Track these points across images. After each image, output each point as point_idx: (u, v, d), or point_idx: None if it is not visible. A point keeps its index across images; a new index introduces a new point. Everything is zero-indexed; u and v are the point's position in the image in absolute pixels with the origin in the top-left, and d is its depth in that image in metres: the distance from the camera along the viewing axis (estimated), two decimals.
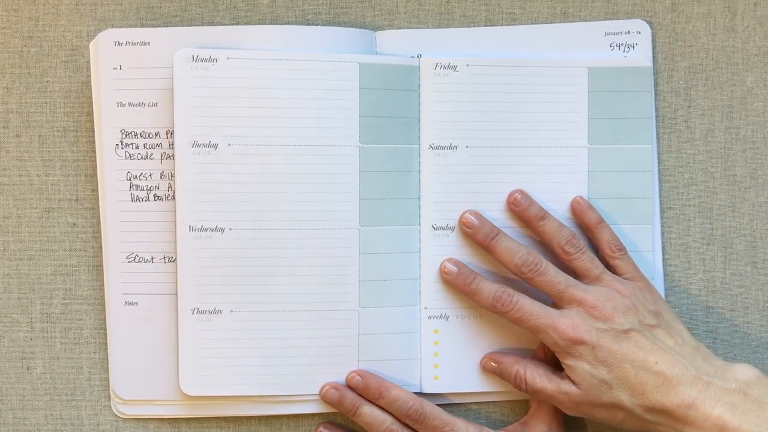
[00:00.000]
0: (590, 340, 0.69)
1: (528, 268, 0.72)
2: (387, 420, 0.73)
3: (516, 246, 0.73)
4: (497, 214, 0.75)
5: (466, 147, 0.75)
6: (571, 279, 0.72)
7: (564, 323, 0.70)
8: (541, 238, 0.74)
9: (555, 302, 0.72)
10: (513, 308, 0.71)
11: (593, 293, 0.70)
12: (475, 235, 0.74)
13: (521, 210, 0.74)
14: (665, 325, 0.70)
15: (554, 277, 0.71)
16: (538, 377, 0.72)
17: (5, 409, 0.76)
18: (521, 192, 0.75)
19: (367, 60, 0.74)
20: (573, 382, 0.70)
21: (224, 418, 0.76)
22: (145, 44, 0.73)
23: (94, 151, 0.75)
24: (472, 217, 0.74)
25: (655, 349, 0.68)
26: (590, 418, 0.72)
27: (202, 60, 0.72)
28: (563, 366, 0.70)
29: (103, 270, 0.74)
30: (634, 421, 0.69)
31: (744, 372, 0.67)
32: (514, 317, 0.71)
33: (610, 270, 0.73)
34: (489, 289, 0.72)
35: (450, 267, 0.74)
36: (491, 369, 0.75)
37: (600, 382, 0.69)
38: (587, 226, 0.75)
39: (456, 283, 0.74)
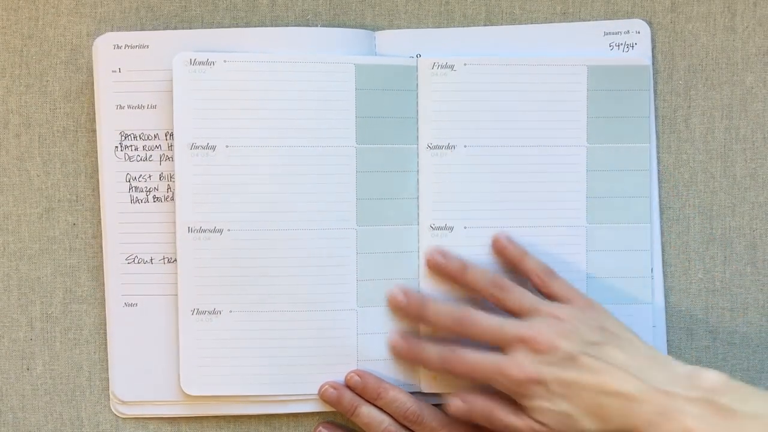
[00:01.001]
0: (539, 376, 0.66)
1: (459, 324, 0.70)
2: (385, 420, 0.73)
3: (444, 308, 0.71)
4: (495, 214, 0.75)
5: (465, 147, 0.75)
6: (505, 320, 0.69)
7: (509, 365, 0.67)
8: (469, 288, 0.73)
9: (500, 347, 0.69)
10: (458, 363, 0.70)
11: (530, 326, 0.68)
12: (409, 301, 0.73)
13: (441, 268, 0.73)
14: (614, 338, 0.68)
15: (488, 323, 0.69)
16: (511, 413, 0.68)
17: (5, 409, 0.76)
18: (438, 251, 0.74)
19: (363, 61, 0.74)
20: (538, 422, 0.67)
21: (224, 418, 0.76)
22: (143, 47, 0.73)
23: (94, 151, 0.75)
24: (399, 291, 0.73)
25: (606, 368, 0.65)
26: None
27: (200, 63, 0.73)
28: (524, 409, 0.68)
29: (103, 270, 0.75)
30: None
31: (710, 378, 0.64)
32: (461, 372, 0.70)
33: (547, 298, 0.72)
34: (434, 351, 0.71)
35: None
36: (459, 413, 0.71)
37: (563, 416, 0.66)
38: (511, 261, 0.74)
39: (404, 352, 0.73)
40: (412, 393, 0.74)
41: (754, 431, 0.61)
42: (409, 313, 0.73)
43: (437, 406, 0.74)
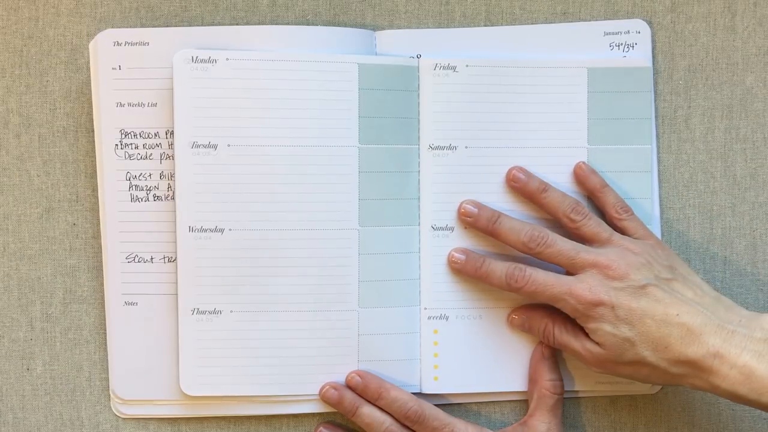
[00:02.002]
0: (608, 300, 0.68)
1: (535, 242, 0.71)
2: (386, 421, 0.73)
3: (519, 224, 0.73)
4: None
5: (466, 147, 0.75)
6: (580, 245, 0.71)
7: (580, 287, 0.69)
8: (546, 210, 0.74)
9: (568, 270, 0.71)
10: (527, 282, 0.71)
11: (605, 254, 0.70)
12: (477, 222, 0.74)
13: (521, 186, 0.74)
14: (682, 278, 0.70)
15: (563, 246, 0.71)
16: (566, 332, 0.72)
17: (5, 409, 0.76)
18: (519, 168, 0.75)
19: (366, 60, 0.74)
20: (597, 342, 0.69)
21: (224, 418, 0.76)
22: (144, 44, 0.73)
23: (94, 151, 0.75)
24: (470, 207, 0.74)
25: (674, 301, 0.68)
26: (615, 375, 0.71)
27: (201, 61, 0.72)
28: (586, 330, 0.70)
29: (102, 270, 0.74)
30: (659, 375, 0.68)
31: None
32: (528, 291, 0.71)
33: (618, 232, 0.73)
34: (500, 268, 0.72)
35: (458, 256, 0.74)
36: (519, 323, 0.75)
37: (623, 340, 0.68)
38: (591, 191, 0.75)
39: (466, 270, 0.74)
40: (414, 393, 0.74)
41: None
42: (480, 225, 0.74)
43: (438, 406, 0.74)
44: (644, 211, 0.76)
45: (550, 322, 0.73)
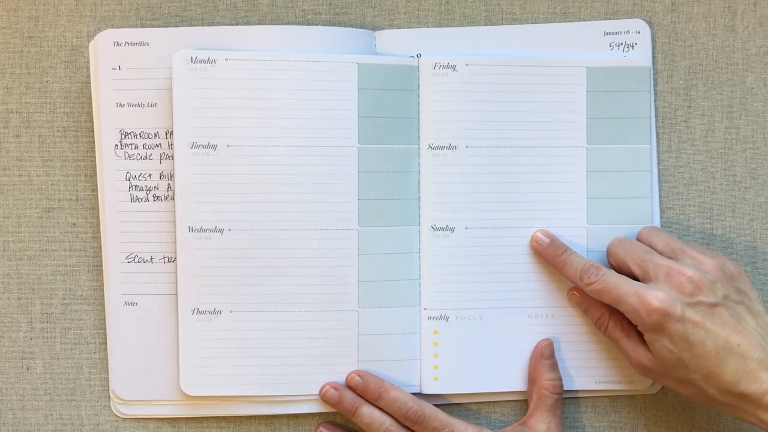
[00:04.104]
0: (675, 311, 0.67)
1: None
2: (386, 421, 0.73)
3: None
4: (495, 215, 0.75)
5: (466, 147, 0.75)
6: (655, 251, 0.71)
7: (649, 294, 0.67)
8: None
9: (642, 279, 0.70)
10: (597, 279, 0.70)
11: (678, 264, 0.68)
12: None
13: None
14: (749, 303, 0.68)
15: (638, 246, 0.71)
16: (620, 329, 0.72)
17: (5, 409, 0.76)
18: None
19: (365, 60, 0.74)
20: (650, 351, 0.69)
21: (224, 418, 0.76)
22: (144, 44, 0.73)
23: (94, 151, 0.75)
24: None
25: (738, 328, 0.66)
26: (656, 381, 0.71)
27: (200, 61, 0.72)
28: (645, 338, 0.69)
29: (102, 270, 0.74)
30: (703, 399, 0.68)
31: None
32: (597, 288, 0.70)
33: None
34: (578, 261, 0.72)
35: (542, 238, 0.75)
36: (577, 301, 0.75)
37: (677, 359, 0.67)
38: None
39: (546, 254, 0.74)
40: (413, 393, 0.74)
41: None
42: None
43: (438, 406, 0.74)
44: (643, 211, 0.76)
45: (607, 312, 0.73)
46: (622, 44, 0.76)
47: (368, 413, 0.73)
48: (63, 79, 0.76)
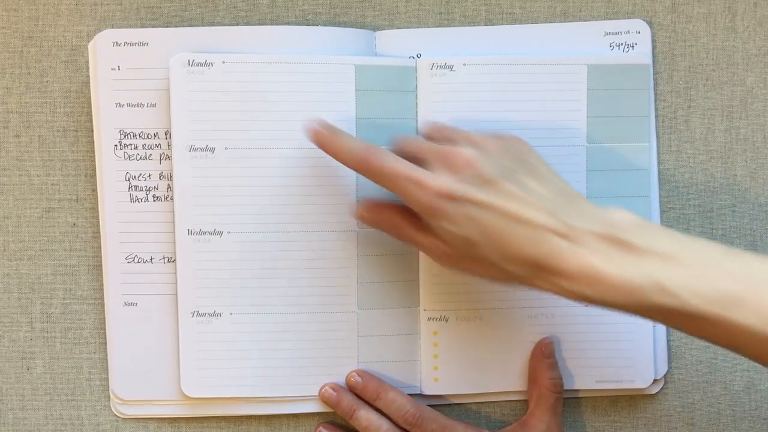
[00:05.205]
0: (453, 192, 0.63)
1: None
2: (383, 425, 0.73)
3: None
4: None
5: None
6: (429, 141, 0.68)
7: (426, 177, 0.64)
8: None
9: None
10: (376, 162, 0.66)
11: (452, 146, 0.65)
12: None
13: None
14: (531, 169, 0.65)
15: (411, 139, 0.69)
16: (414, 227, 0.68)
17: (5, 409, 0.76)
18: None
19: (363, 62, 0.74)
20: (440, 238, 0.66)
21: (224, 418, 0.76)
22: (143, 45, 0.73)
23: (94, 151, 0.75)
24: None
25: (520, 195, 0.63)
26: (461, 271, 0.67)
27: (198, 64, 0.72)
28: (430, 226, 0.66)
29: (102, 270, 0.75)
30: (502, 275, 0.64)
31: (617, 216, 0.62)
32: (376, 172, 0.66)
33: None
34: (353, 143, 0.68)
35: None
36: (369, 219, 0.71)
37: (465, 240, 0.64)
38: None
39: (318, 141, 0.70)
40: (413, 395, 0.74)
41: (653, 267, 0.59)
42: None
43: (439, 406, 0.74)
44: (642, 210, 0.76)
45: (398, 215, 0.69)
46: (622, 44, 0.76)
47: (365, 416, 0.73)
48: (63, 79, 0.76)
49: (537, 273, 0.62)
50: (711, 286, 0.58)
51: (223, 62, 0.73)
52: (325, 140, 0.69)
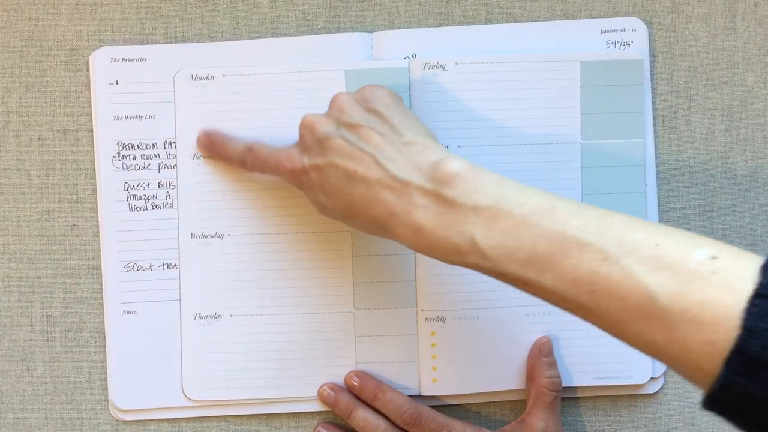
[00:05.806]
0: (301, 165, 0.65)
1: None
2: (381, 425, 0.73)
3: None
4: None
5: (458, 147, 0.75)
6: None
7: (284, 158, 0.67)
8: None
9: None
10: (253, 157, 0.70)
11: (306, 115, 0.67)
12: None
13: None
14: (377, 122, 0.64)
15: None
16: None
17: (5, 409, 0.76)
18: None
19: (353, 66, 0.74)
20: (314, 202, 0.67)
21: (224, 418, 0.76)
22: (141, 60, 0.74)
23: (94, 152, 0.75)
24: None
25: (355, 153, 0.62)
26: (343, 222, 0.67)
27: (200, 78, 0.74)
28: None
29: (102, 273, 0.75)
30: (368, 230, 0.64)
31: (450, 168, 0.60)
32: (252, 166, 0.71)
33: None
34: (239, 144, 0.72)
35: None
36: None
37: (323, 205, 0.65)
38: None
39: (210, 146, 0.74)
40: (412, 396, 0.74)
41: (471, 225, 0.58)
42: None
43: (437, 407, 0.74)
44: (637, 206, 0.76)
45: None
46: (618, 42, 0.76)
47: (363, 416, 0.73)
48: (63, 79, 0.76)
49: (382, 230, 0.62)
50: (522, 248, 0.57)
51: (223, 75, 0.74)
52: (210, 148, 0.73)
